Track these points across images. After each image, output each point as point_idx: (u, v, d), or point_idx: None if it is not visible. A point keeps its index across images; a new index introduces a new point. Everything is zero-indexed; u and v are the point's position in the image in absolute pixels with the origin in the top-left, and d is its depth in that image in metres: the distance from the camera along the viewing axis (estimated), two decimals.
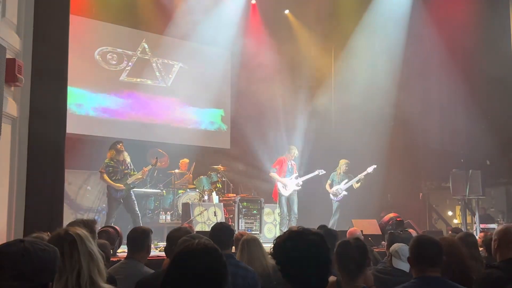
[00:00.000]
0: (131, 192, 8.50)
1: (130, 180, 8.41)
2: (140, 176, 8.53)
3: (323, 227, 4.87)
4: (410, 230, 6.67)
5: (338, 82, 12.47)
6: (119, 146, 8.47)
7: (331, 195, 10.21)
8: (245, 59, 12.12)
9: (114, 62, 11.20)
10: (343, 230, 6.64)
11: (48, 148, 5.07)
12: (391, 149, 11.04)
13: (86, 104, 10.61)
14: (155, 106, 11.62)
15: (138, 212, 8.52)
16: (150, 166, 8.86)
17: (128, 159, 8.56)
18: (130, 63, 11.41)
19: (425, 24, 11.03)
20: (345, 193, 10.15)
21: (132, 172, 8.52)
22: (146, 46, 11.67)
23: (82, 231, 2.34)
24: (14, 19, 4.84)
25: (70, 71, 5.59)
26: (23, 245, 1.72)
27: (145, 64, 11.67)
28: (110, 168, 8.36)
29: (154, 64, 11.80)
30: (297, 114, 12.01)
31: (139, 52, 11.59)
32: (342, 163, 10.29)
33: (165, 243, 3.70)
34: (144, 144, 10.33)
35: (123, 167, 8.46)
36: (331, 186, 10.27)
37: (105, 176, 8.31)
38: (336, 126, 12.14)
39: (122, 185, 8.31)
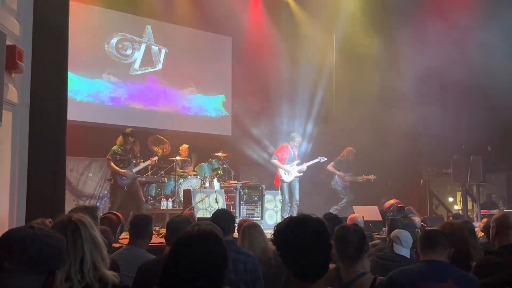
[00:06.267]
0: (136, 180, 8.61)
1: (135, 169, 8.49)
2: (149, 163, 8.72)
3: (329, 214, 4.92)
4: (414, 218, 6.71)
5: (340, 69, 12.41)
6: (130, 139, 8.52)
7: (336, 177, 10.27)
8: (247, 45, 12.08)
9: (124, 52, 11.20)
10: (344, 217, 6.67)
11: (49, 135, 5.07)
12: (392, 134, 11.02)
13: (87, 91, 10.59)
14: (156, 92, 11.60)
15: (143, 198, 8.62)
16: (156, 157, 9.07)
17: (137, 148, 8.68)
18: (137, 52, 11.37)
19: (425, 8, 10.97)
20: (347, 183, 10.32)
21: (139, 160, 8.61)
22: (150, 32, 11.62)
23: (85, 218, 2.31)
24: (14, 5, 4.80)
25: (73, 58, 5.57)
26: (33, 231, 1.71)
27: (148, 52, 11.64)
28: (118, 156, 8.44)
29: (155, 51, 11.74)
30: (299, 101, 11.99)
31: (145, 38, 11.55)
32: (349, 152, 10.33)
33: (166, 230, 3.70)
34: (144, 131, 10.32)
35: (131, 155, 8.55)
36: (336, 169, 10.34)
37: (112, 164, 8.40)
38: (337, 113, 12.11)
39: (129, 172, 8.37)
